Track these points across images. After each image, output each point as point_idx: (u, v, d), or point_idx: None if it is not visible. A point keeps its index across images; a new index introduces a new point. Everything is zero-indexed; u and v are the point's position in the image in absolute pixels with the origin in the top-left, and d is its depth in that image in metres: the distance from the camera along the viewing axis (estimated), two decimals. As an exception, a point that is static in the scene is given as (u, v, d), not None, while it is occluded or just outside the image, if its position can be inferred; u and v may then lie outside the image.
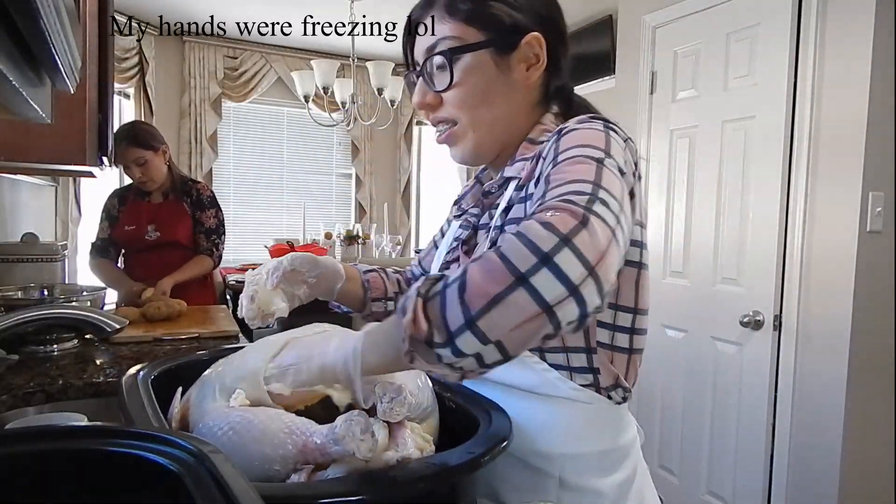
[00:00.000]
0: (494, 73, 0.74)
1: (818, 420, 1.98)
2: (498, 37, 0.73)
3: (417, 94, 0.78)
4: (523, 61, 0.76)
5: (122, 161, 2.25)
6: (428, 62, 0.75)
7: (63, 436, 0.51)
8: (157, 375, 0.78)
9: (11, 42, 0.30)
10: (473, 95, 0.75)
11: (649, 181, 2.60)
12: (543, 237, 0.47)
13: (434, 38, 0.74)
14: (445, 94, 0.75)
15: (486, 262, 0.48)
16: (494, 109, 0.76)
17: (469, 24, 0.73)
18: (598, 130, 0.65)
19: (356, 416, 0.57)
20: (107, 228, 2.40)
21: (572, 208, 0.50)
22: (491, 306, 0.46)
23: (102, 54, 1.09)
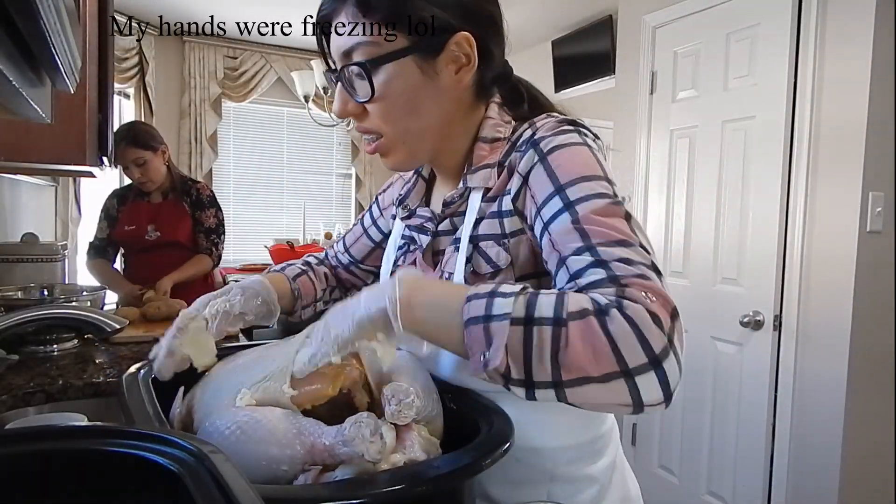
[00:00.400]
0: (419, 81, 0.67)
1: (818, 420, 1.98)
2: (421, 40, 0.65)
3: (338, 102, 0.70)
4: (452, 63, 0.68)
5: (122, 161, 2.24)
6: (346, 69, 0.67)
7: (63, 436, 0.50)
8: (157, 375, 0.78)
9: (11, 42, 0.30)
10: (398, 107, 0.68)
11: (649, 181, 2.60)
12: (655, 336, 0.49)
13: (350, 39, 0.66)
14: (368, 105, 0.68)
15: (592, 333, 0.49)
16: (423, 118, 0.69)
17: (387, 25, 0.64)
18: (581, 147, 0.64)
19: (365, 417, 0.57)
20: (105, 229, 2.39)
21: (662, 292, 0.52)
22: (585, 383, 0.49)
23: (102, 54, 1.09)
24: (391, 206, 0.90)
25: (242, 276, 3.46)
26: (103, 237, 2.39)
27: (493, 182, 0.70)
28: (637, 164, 2.65)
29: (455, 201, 0.74)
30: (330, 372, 0.67)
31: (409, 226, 0.82)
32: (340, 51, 0.67)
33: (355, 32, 0.65)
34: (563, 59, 3.90)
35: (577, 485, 0.72)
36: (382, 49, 0.65)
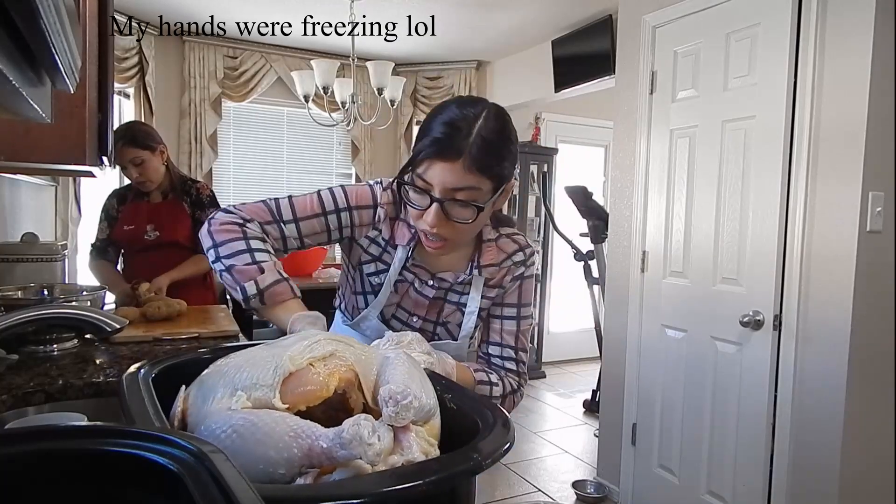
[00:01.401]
0: (489, 209, 1.00)
1: (818, 420, 1.98)
2: (499, 188, 0.97)
3: (433, 217, 0.94)
4: (503, 197, 1.02)
5: (120, 161, 2.24)
6: (450, 199, 0.93)
7: (63, 436, 0.50)
8: (157, 374, 0.78)
9: (11, 42, 0.30)
10: (476, 228, 1.01)
11: (649, 181, 2.60)
12: (517, 401, 1.15)
13: (460, 182, 0.92)
14: (461, 226, 0.96)
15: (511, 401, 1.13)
16: (478, 229, 1.05)
17: (489, 178, 0.94)
18: (533, 281, 1.17)
19: (363, 420, 0.57)
20: (106, 229, 2.39)
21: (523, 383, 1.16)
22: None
23: (102, 54, 1.09)
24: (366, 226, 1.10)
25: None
26: (104, 238, 2.39)
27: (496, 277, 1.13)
28: (637, 164, 2.65)
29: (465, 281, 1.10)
30: (323, 372, 0.67)
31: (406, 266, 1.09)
32: (449, 186, 0.93)
33: (465, 179, 0.92)
34: (563, 59, 3.90)
35: None
36: (480, 192, 0.94)
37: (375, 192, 1.09)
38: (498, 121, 0.96)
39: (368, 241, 1.10)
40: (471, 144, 0.91)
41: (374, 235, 1.10)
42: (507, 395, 1.09)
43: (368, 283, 1.13)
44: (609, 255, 2.90)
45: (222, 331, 1.66)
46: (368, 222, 1.09)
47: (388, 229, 1.09)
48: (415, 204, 0.97)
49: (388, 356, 0.76)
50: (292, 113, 4.75)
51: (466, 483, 0.63)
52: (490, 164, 0.93)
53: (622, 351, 2.74)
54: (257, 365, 0.67)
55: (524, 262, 1.14)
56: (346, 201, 1.08)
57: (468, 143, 0.91)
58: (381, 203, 1.09)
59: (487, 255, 1.10)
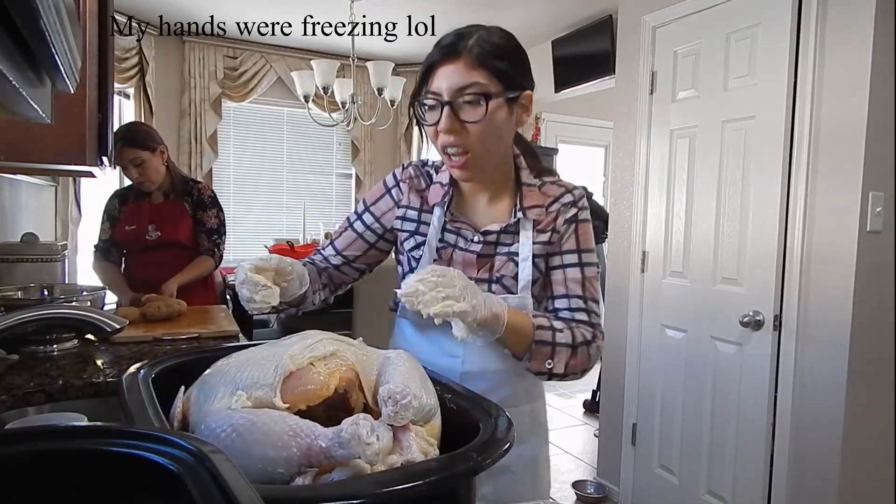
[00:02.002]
0: (506, 115, 0.97)
1: (818, 420, 1.98)
2: (511, 91, 0.96)
3: (446, 120, 0.95)
4: (520, 109, 1.00)
5: (120, 162, 2.24)
6: (459, 98, 0.94)
7: (63, 436, 0.50)
8: (157, 374, 0.78)
9: (11, 42, 0.30)
10: (492, 131, 0.97)
11: (649, 181, 2.60)
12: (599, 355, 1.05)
13: (466, 80, 0.93)
14: (471, 126, 0.95)
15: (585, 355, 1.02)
16: (501, 143, 1.01)
17: (493, 75, 0.94)
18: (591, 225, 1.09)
19: (362, 419, 0.57)
20: (108, 229, 2.39)
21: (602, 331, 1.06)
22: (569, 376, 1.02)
23: (102, 54, 1.09)
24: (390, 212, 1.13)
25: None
26: (106, 238, 2.39)
27: (544, 219, 1.05)
28: (637, 164, 2.65)
29: (511, 226, 1.05)
30: (324, 372, 0.67)
31: (447, 227, 1.07)
32: (456, 86, 0.94)
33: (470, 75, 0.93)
34: (563, 59, 3.90)
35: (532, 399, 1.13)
36: (488, 89, 0.94)
37: (388, 179, 1.15)
38: (504, 32, 1.00)
39: (401, 220, 1.11)
40: (473, 45, 0.94)
41: (403, 212, 1.11)
42: (577, 345, 0.99)
43: (413, 260, 1.09)
44: (609, 255, 2.90)
45: (222, 331, 1.66)
46: (389, 207, 1.12)
47: (416, 198, 1.10)
48: (428, 120, 0.98)
49: (388, 356, 0.76)
50: (292, 113, 4.75)
51: (466, 483, 0.63)
52: (494, 63, 0.94)
53: (622, 351, 2.74)
54: (258, 364, 0.67)
55: (575, 203, 1.07)
56: (364, 203, 1.16)
57: (469, 43, 0.94)
58: (401, 179, 1.13)
59: (531, 198, 1.05)
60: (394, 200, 1.12)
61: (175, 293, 2.14)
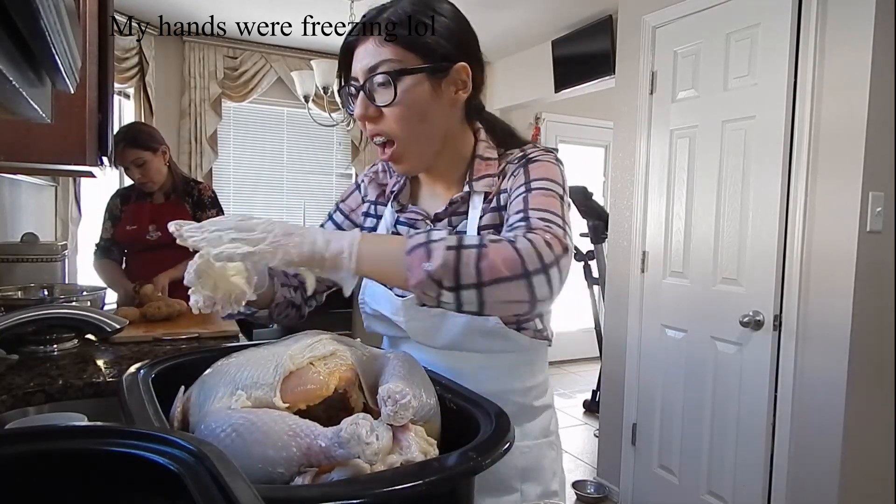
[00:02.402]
0: (430, 95, 0.85)
1: (818, 420, 1.98)
2: (433, 64, 0.84)
3: (359, 107, 0.86)
4: (453, 85, 0.88)
5: (121, 162, 2.24)
6: (370, 80, 0.84)
7: (63, 436, 0.50)
8: (157, 374, 0.78)
9: (11, 42, 0.30)
10: (412, 112, 0.85)
11: (649, 181, 2.60)
12: (546, 252, 0.71)
13: (375, 59, 0.83)
14: (386, 109, 0.84)
15: (504, 249, 0.70)
16: (429, 126, 0.88)
17: (407, 49, 0.83)
18: (553, 165, 0.89)
19: (361, 419, 0.57)
20: (109, 228, 2.40)
21: (561, 238, 0.75)
22: (498, 282, 0.69)
23: (102, 54, 1.09)
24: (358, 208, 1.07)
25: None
26: (108, 237, 2.40)
27: (494, 187, 0.91)
28: (637, 164, 2.65)
29: (458, 201, 0.92)
30: (324, 372, 0.67)
31: (400, 220, 0.99)
32: (366, 67, 0.84)
33: (380, 53, 0.83)
34: (563, 59, 3.90)
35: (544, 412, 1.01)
36: (402, 66, 0.83)
37: (360, 175, 1.09)
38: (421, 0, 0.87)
39: (364, 216, 1.05)
40: (382, 20, 0.84)
41: (367, 207, 1.05)
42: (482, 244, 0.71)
43: None
44: (609, 255, 2.90)
45: (222, 331, 1.66)
46: (357, 204, 1.07)
47: (374, 192, 1.04)
48: (350, 106, 0.89)
49: (388, 356, 0.76)
50: (292, 113, 4.75)
51: (466, 483, 0.63)
52: (404, 34, 0.83)
53: (622, 351, 2.74)
54: (258, 364, 0.67)
55: (525, 156, 0.90)
56: (336, 203, 1.10)
57: (379, 19, 0.84)
58: (367, 174, 1.07)
59: (483, 169, 0.92)
60: (361, 196, 1.07)
61: (167, 287, 2.13)
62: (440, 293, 0.69)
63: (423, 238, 0.71)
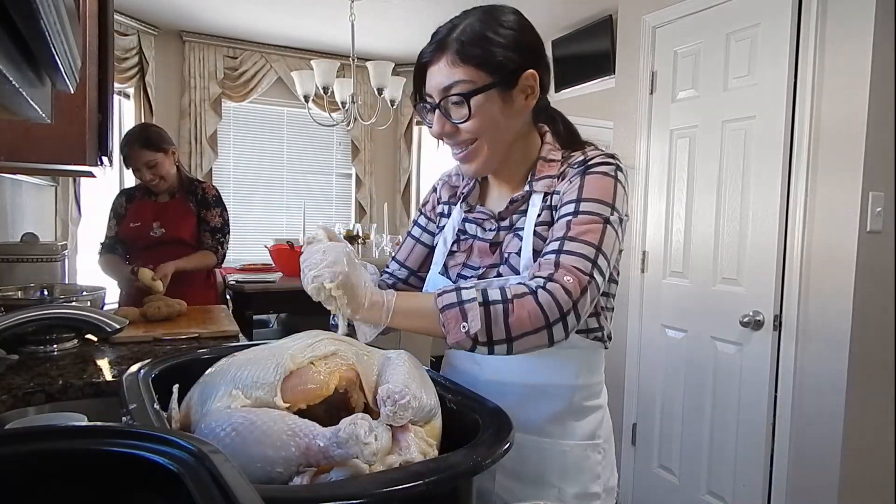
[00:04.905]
0: (500, 106, 0.90)
1: (818, 420, 1.98)
2: (502, 78, 0.89)
3: (437, 124, 0.92)
4: (522, 93, 0.92)
5: (133, 164, 2.27)
6: (445, 100, 0.89)
7: (63, 436, 0.50)
8: (157, 374, 0.78)
9: (11, 42, 0.30)
10: (485, 125, 0.90)
11: (649, 181, 2.60)
12: (565, 301, 0.79)
13: (449, 79, 0.88)
14: (462, 125, 0.90)
15: (528, 303, 0.79)
16: (502, 132, 0.93)
17: (478, 68, 0.88)
18: (611, 179, 0.90)
19: (360, 419, 0.57)
20: (114, 227, 2.42)
21: (581, 278, 0.81)
22: (524, 336, 0.79)
23: (102, 54, 1.09)
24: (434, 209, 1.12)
25: (243, 276, 3.45)
26: (112, 235, 2.42)
27: (552, 188, 0.94)
28: (637, 164, 2.65)
29: (518, 200, 0.96)
30: (324, 371, 0.67)
31: (468, 219, 1.03)
32: (440, 87, 0.90)
33: (453, 73, 0.88)
34: (563, 59, 3.90)
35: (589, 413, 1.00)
36: (475, 85, 0.88)
37: (436, 181, 1.14)
38: (486, 12, 0.92)
39: (440, 217, 1.11)
40: (455, 38, 0.89)
41: (441, 208, 1.10)
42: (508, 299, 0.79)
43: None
44: (609, 255, 2.89)
45: (222, 331, 1.66)
46: (434, 205, 1.13)
47: (447, 194, 1.10)
48: (429, 122, 0.95)
49: (389, 356, 0.76)
50: (292, 113, 4.75)
51: (466, 483, 0.63)
52: (475, 53, 0.88)
53: (622, 351, 2.74)
54: (259, 364, 0.67)
55: (586, 161, 0.93)
56: (419, 209, 1.16)
57: (450, 39, 0.89)
58: (441, 178, 1.13)
59: (545, 170, 0.96)
60: (437, 198, 1.12)
61: (169, 275, 2.14)
62: (475, 347, 0.80)
63: (455, 298, 0.80)
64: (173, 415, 0.68)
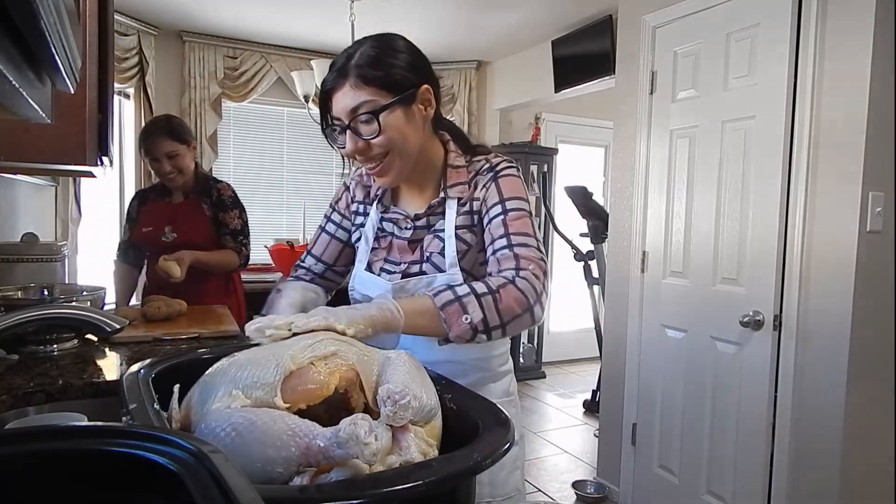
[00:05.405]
0: (404, 120, 1.01)
1: (818, 420, 1.98)
2: (403, 95, 1.00)
3: (349, 143, 1.01)
4: (421, 105, 1.03)
5: (154, 153, 2.20)
6: (354, 119, 0.98)
7: (63, 436, 0.50)
8: (157, 374, 0.78)
9: (11, 42, 0.30)
10: (394, 138, 1.00)
11: (649, 181, 2.60)
12: (537, 284, 0.96)
13: (355, 100, 0.98)
14: (373, 141, 0.99)
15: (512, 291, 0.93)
16: (409, 143, 1.03)
17: (381, 88, 0.98)
18: (518, 178, 1.09)
19: (360, 419, 0.57)
20: (127, 231, 2.38)
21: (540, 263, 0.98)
22: (515, 319, 0.93)
23: (102, 54, 1.09)
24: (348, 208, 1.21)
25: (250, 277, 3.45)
26: (125, 239, 2.39)
27: (466, 194, 1.08)
28: (637, 164, 2.65)
29: (434, 206, 1.09)
30: (324, 371, 0.67)
31: (384, 218, 1.13)
32: (348, 109, 0.98)
33: (358, 95, 0.97)
34: (563, 59, 3.90)
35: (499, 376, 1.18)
36: (379, 103, 0.98)
37: (347, 178, 1.24)
38: (377, 40, 1.02)
39: (354, 215, 1.20)
40: (354, 64, 0.98)
41: (356, 207, 1.20)
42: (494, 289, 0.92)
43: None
44: (609, 255, 2.90)
45: (222, 331, 1.66)
46: (347, 204, 1.22)
47: (362, 193, 1.19)
48: (339, 143, 1.03)
49: (389, 356, 0.76)
50: (292, 113, 4.75)
51: (466, 483, 0.64)
52: (375, 75, 0.97)
53: (622, 351, 2.74)
54: (259, 364, 0.67)
55: (492, 168, 1.08)
56: (330, 205, 1.25)
57: (349, 66, 0.98)
58: (353, 177, 1.21)
59: (455, 178, 1.09)
60: (350, 197, 1.21)
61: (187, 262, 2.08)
62: (475, 336, 0.91)
63: (452, 295, 0.90)
64: (173, 415, 0.68)
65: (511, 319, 0.92)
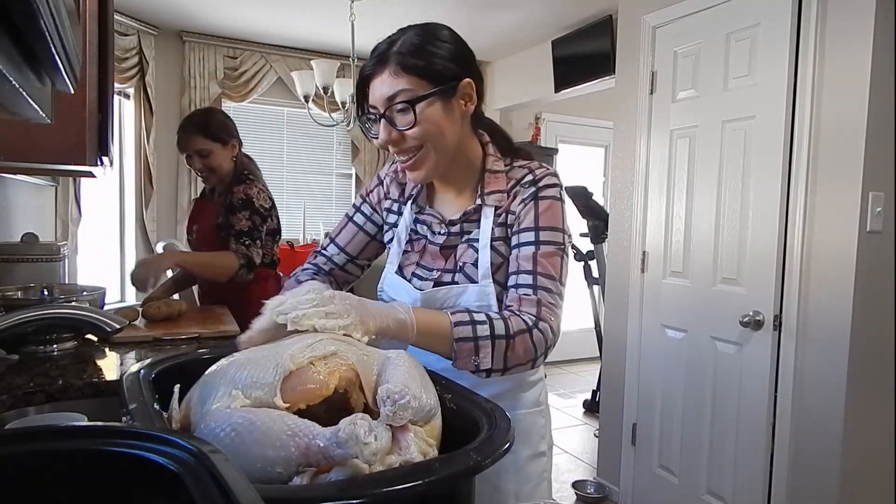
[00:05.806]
0: (442, 113, 0.97)
1: (818, 420, 1.98)
2: (443, 87, 0.96)
3: (383, 133, 0.97)
4: (461, 99, 0.99)
5: (186, 149, 2.12)
6: (389, 108, 0.95)
7: (63, 436, 0.50)
8: (157, 374, 0.78)
9: (11, 42, 0.30)
10: (430, 131, 0.97)
11: (649, 181, 2.60)
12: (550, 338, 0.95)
13: (393, 89, 0.94)
14: (408, 132, 0.96)
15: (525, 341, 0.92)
16: (446, 138, 0.99)
17: (420, 77, 0.94)
18: (559, 203, 1.03)
19: (360, 419, 0.57)
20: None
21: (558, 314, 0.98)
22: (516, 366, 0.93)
23: (102, 54, 1.09)
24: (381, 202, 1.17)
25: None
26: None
27: (503, 203, 1.03)
28: (637, 164, 2.65)
29: (470, 212, 1.04)
30: (324, 371, 0.67)
31: (417, 219, 1.09)
32: (384, 97, 0.95)
33: (396, 83, 0.94)
34: (563, 59, 3.90)
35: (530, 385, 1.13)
36: (418, 93, 0.94)
37: (381, 171, 1.19)
38: (422, 28, 0.99)
39: (387, 212, 1.16)
40: (396, 50, 0.95)
41: (389, 204, 1.15)
42: (512, 335, 0.91)
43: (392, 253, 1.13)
44: (609, 255, 2.90)
45: (222, 331, 1.66)
46: (380, 198, 1.17)
47: (397, 191, 1.14)
48: (373, 132, 1.00)
49: (389, 356, 0.76)
50: (292, 113, 4.75)
51: (466, 483, 0.63)
52: (416, 63, 0.94)
53: (622, 351, 2.74)
54: (258, 364, 0.67)
55: (535, 182, 1.02)
56: (362, 195, 1.20)
57: (391, 51, 0.95)
58: (388, 172, 1.16)
59: (494, 184, 1.04)
60: (384, 192, 1.17)
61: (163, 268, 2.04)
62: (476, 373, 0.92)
63: (470, 332, 0.89)
64: (173, 415, 0.68)
65: (513, 366, 0.93)
